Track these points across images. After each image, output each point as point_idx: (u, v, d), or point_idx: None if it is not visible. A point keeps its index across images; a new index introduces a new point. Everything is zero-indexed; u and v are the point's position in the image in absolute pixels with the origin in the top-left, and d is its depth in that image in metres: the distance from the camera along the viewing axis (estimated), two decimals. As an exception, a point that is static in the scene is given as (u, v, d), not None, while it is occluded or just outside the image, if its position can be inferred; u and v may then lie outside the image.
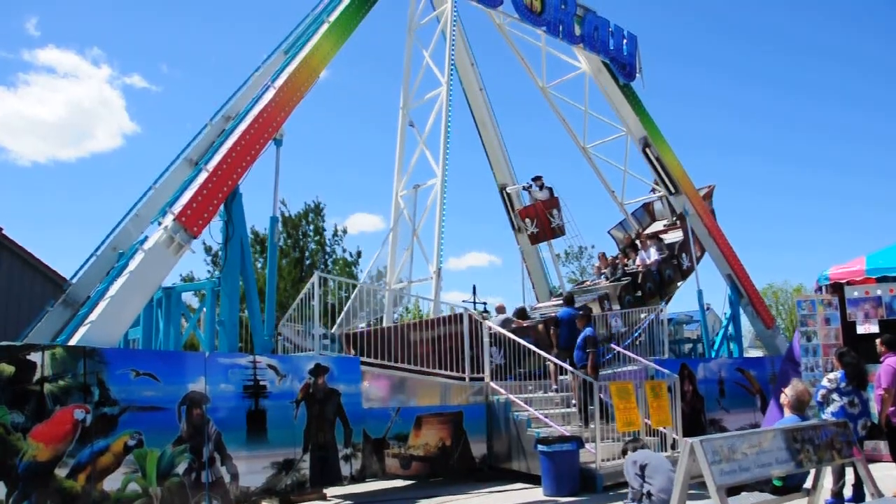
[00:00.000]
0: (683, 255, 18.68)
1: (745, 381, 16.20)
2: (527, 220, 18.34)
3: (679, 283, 19.26)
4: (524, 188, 18.82)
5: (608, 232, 21.38)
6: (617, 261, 19.34)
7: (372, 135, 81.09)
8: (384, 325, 13.82)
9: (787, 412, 6.92)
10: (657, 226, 21.19)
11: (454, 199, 79.06)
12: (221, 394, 8.95)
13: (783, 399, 6.99)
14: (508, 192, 19.68)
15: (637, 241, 19.94)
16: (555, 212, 17.85)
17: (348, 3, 12.37)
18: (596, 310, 15.71)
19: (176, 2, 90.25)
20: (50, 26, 77.59)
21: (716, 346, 19.04)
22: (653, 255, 18.28)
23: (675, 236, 19.75)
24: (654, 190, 20.44)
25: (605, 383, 11.73)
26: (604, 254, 20.46)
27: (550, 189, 18.36)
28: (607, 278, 18.56)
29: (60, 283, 17.13)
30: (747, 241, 65.41)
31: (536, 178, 18.45)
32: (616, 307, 16.92)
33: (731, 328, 19.25)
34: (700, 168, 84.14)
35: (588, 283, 19.97)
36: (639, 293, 17.81)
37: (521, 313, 14.45)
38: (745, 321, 20.17)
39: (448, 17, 15.22)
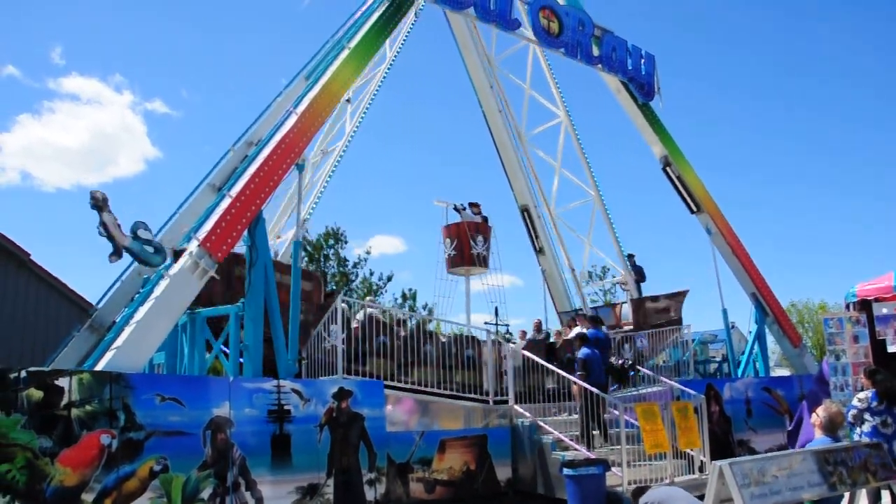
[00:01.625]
0: (626, 345, 17.46)
1: (772, 400, 15.96)
2: (447, 240, 16.50)
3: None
4: (454, 208, 16.78)
5: (558, 313, 20.08)
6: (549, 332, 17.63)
7: (391, 155, 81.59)
8: None
9: (818, 433, 6.79)
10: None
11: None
12: (246, 418, 8.97)
13: (814, 420, 6.86)
14: (436, 204, 17.40)
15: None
16: (480, 239, 16.14)
17: (367, 30, 12.50)
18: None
19: (195, 28, 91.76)
20: (74, 54, 79.29)
21: (741, 366, 18.80)
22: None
23: (626, 329, 18.17)
24: (622, 284, 19.27)
25: (631, 405, 11.62)
26: (539, 321, 18.35)
27: (485, 218, 16.85)
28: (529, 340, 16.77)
29: (86, 308, 17.32)
30: (770, 260, 64.71)
31: (474, 204, 16.99)
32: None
33: (756, 347, 19.00)
34: (721, 187, 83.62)
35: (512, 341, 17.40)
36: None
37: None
38: (770, 340, 19.91)
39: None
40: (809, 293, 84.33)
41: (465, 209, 16.72)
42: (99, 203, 8.91)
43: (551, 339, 16.69)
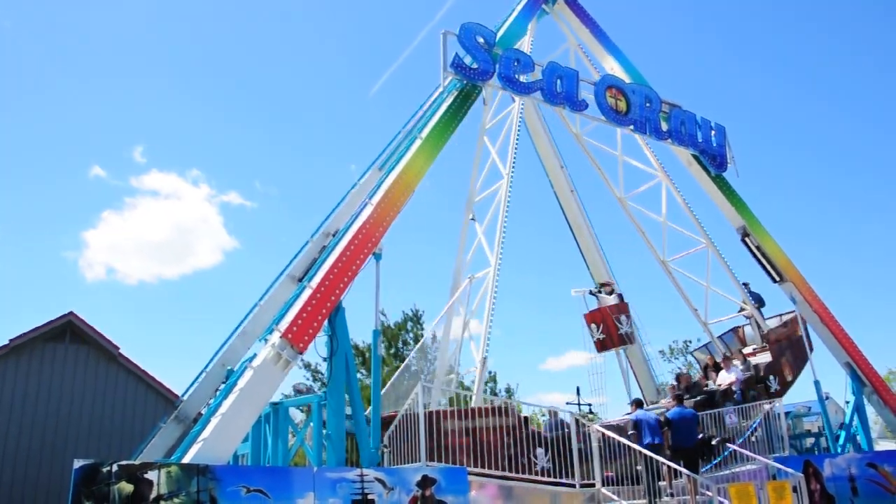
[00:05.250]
0: (772, 376, 17.17)
1: (880, 477, 14.95)
2: (592, 325, 16.86)
3: None
4: (590, 293, 17.53)
5: (691, 353, 20.22)
6: (696, 381, 17.70)
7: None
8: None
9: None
10: (746, 350, 19.39)
11: (553, 298, 78.78)
12: (330, 509, 8.92)
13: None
14: (574, 295, 18.03)
15: (721, 363, 18.09)
16: (623, 318, 16.53)
17: (438, 120, 12.85)
18: None
19: (267, 122, 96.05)
20: (154, 153, 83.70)
21: (841, 440, 17.80)
22: (735, 374, 16.74)
23: (763, 358, 18.15)
24: (742, 309, 19.21)
25: (724, 485, 11.11)
26: (680, 374, 18.88)
27: (620, 295, 17.30)
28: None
29: (172, 400, 17.80)
30: (864, 326, 61.67)
31: (605, 284, 17.60)
32: None
33: (856, 419, 18.01)
34: (809, 251, 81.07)
35: (663, 402, 17.18)
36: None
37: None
38: (871, 411, 18.84)
39: (515, 113, 16.09)
40: (905, 359, 79.35)
41: (599, 291, 17.33)
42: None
43: (710, 386, 16.63)
